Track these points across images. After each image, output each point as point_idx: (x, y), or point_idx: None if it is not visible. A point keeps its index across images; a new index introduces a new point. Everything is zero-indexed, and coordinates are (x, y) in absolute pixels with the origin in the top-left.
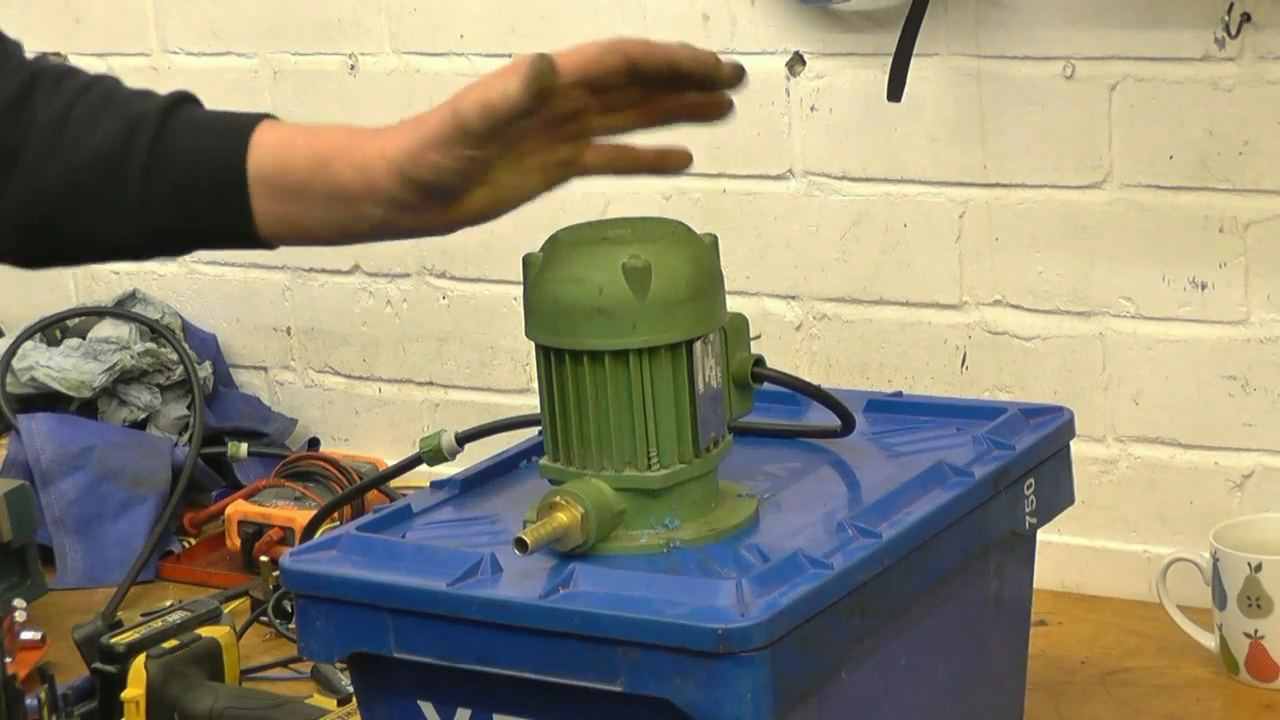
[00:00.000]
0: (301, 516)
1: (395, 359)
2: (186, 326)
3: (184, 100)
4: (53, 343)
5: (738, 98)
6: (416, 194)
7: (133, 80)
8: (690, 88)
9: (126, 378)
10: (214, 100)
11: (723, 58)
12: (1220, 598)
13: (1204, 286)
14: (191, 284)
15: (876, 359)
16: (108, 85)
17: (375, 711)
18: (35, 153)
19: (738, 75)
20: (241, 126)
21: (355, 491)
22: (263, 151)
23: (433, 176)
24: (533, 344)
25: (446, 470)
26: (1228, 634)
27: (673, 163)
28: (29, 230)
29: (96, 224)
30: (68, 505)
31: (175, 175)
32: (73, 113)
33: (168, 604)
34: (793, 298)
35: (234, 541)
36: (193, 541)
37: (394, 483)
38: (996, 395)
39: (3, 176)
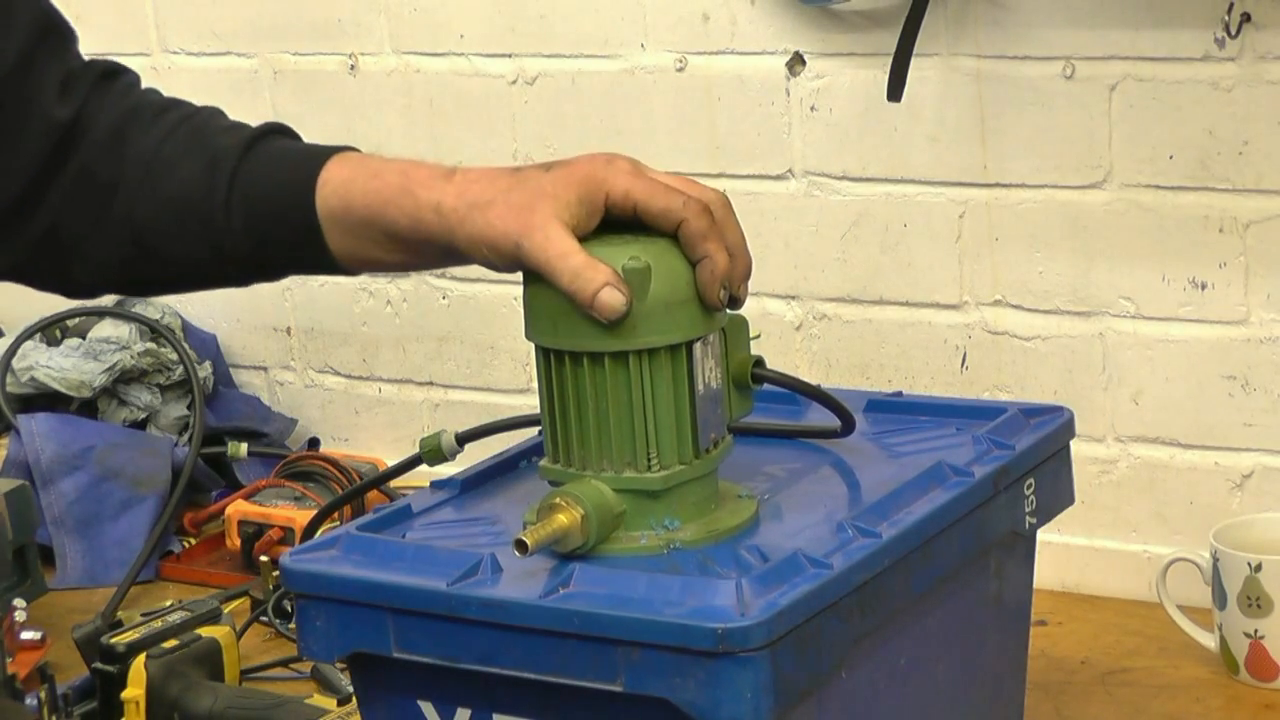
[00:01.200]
0: (301, 516)
1: (395, 359)
2: (186, 326)
3: (268, 134)
4: (53, 343)
5: (738, 97)
6: (464, 253)
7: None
8: None
9: (126, 378)
10: (214, 100)
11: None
12: (1220, 598)
13: (1204, 286)
14: None
15: (876, 359)
16: (200, 120)
17: (375, 711)
18: (128, 189)
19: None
20: (312, 164)
21: (355, 491)
22: (328, 191)
23: (481, 261)
24: (532, 345)
25: (446, 470)
26: (1228, 634)
27: None
28: (131, 262)
29: (190, 257)
30: (68, 505)
31: (254, 215)
32: (162, 150)
33: (168, 604)
34: (793, 298)
35: (234, 541)
36: (193, 541)
37: (394, 483)
38: (996, 395)
39: (104, 208)
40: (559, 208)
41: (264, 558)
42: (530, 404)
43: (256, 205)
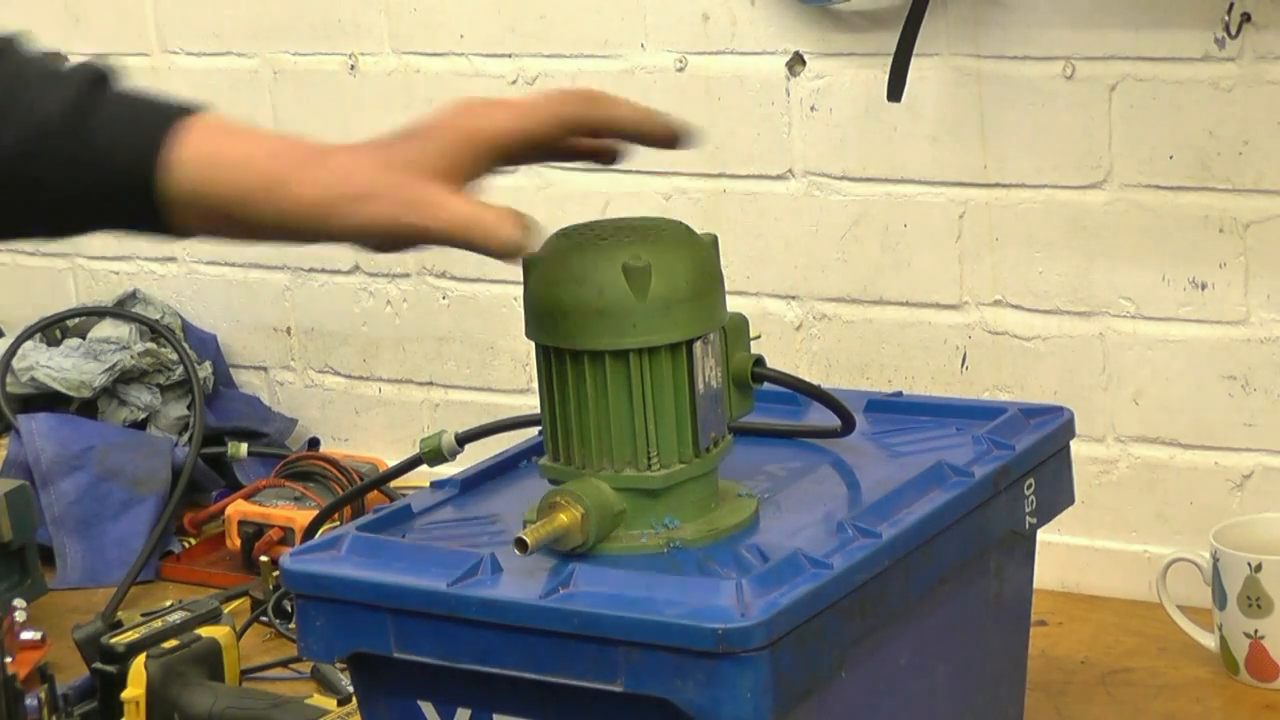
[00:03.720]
0: (301, 516)
1: (395, 359)
2: (186, 326)
3: (92, 90)
4: (53, 343)
5: (738, 97)
6: (335, 242)
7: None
8: (628, 140)
9: (126, 378)
10: (214, 100)
11: (670, 121)
12: (1220, 598)
13: (1204, 286)
14: (191, 284)
15: (876, 359)
16: (13, 66)
17: (375, 711)
18: None
19: (678, 138)
20: (153, 138)
21: (356, 492)
22: (180, 174)
23: (362, 247)
24: (533, 344)
25: (446, 470)
26: (1228, 634)
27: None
28: None
29: (18, 217)
30: (68, 505)
31: (84, 187)
32: None
33: (168, 604)
34: (793, 298)
35: (234, 541)
36: (193, 541)
37: (394, 483)
38: (996, 395)
39: None
40: (436, 172)
41: (264, 558)
42: (530, 404)
43: (88, 183)
